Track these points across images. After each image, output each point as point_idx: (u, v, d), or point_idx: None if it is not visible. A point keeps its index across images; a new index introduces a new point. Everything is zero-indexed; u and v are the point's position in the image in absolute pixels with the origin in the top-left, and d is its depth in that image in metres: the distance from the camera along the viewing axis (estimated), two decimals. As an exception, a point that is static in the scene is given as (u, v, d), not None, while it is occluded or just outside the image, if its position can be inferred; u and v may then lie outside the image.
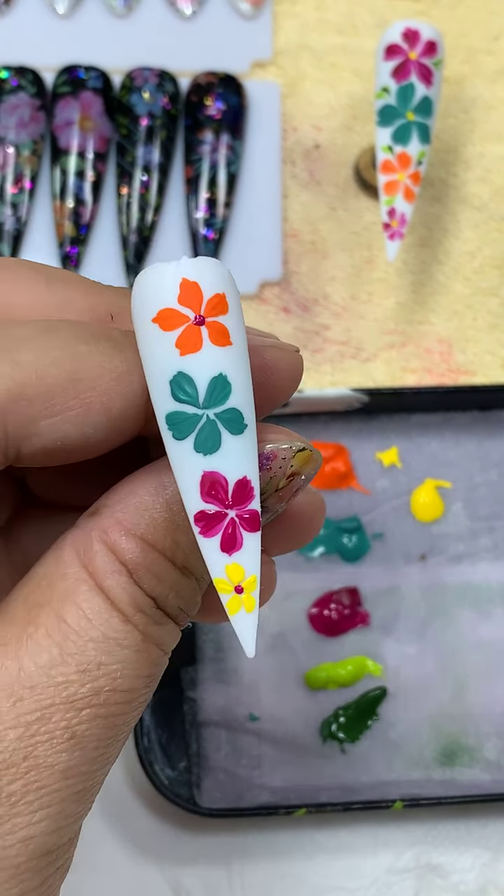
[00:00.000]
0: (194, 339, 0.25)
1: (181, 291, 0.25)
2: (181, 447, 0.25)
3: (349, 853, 0.48)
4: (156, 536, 0.26)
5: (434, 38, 0.49)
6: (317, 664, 0.49)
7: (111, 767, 0.26)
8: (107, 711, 0.25)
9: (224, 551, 0.25)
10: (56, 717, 0.25)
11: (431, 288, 0.55)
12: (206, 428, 0.25)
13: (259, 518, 0.25)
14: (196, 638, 0.49)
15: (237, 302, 0.25)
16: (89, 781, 0.25)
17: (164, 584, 0.26)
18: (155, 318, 0.25)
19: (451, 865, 0.48)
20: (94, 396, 0.25)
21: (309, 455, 0.27)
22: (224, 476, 0.25)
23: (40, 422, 0.25)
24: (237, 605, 0.25)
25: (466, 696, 0.49)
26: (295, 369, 0.28)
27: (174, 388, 0.25)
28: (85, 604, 0.25)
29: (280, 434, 0.27)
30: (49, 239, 0.54)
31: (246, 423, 0.25)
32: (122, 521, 0.26)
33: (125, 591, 0.25)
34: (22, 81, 0.55)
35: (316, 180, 0.56)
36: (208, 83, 0.55)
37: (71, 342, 0.25)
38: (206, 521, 0.25)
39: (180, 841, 0.48)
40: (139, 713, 0.26)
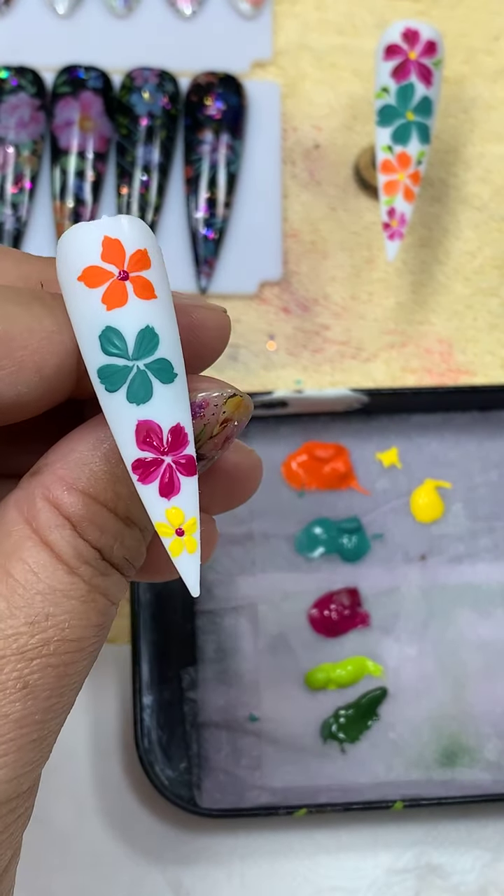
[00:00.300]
0: (119, 293, 0.25)
1: (104, 249, 0.26)
2: (114, 399, 0.26)
3: (349, 853, 0.48)
4: (97, 489, 0.27)
5: (434, 38, 0.49)
6: (317, 665, 0.49)
7: (66, 717, 0.27)
8: (57, 661, 0.26)
9: (163, 496, 0.26)
10: (7, 668, 0.25)
11: (431, 288, 0.55)
12: (137, 378, 0.26)
13: (195, 462, 0.26)
14: (196, 639, 0.49)
15: (159, 257, 0.26)
16: (44, 730, 0.26)
17: (107, 535, 0.27)
18: (80, 277, 0.26)
19: (452, 866, 0.48)
20: (26, 355, 0.26)
21: (240, 400, 0.28)
22: (158, 424, 0.26)
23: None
24: (179, 547, 0.26)
25: (466, 696, 0.49)
26: (222, 328, 0.29)
27: (103, 343, 0.25)
28: (31, 559, 0.26)
29: (211, 383, 0.28)
30: (49, 239, 0.54)
31: (176, 373, 0.26)
32: (64, 477, 0.26)
33: (69, 544, 0.26)
34: (22, 81, 0.55)
35: (316, 180, 0.56)
36: (208, 83, 0.55)
37: (1, 304, 0.26)
38: (143, 468, 0.26)
39: (180, 841, 0.48)
40: (90, 662, 0.27)
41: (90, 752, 0.49)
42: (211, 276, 0.54)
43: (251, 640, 0.49)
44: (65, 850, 0.48)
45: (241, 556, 0.50)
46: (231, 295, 0.54)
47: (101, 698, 0.49)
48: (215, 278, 0.54)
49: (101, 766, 0.49)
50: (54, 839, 0.48)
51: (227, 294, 0.54)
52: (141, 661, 0.46)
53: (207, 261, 0.54)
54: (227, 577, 0.49)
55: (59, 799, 0.48)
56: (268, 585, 0.50)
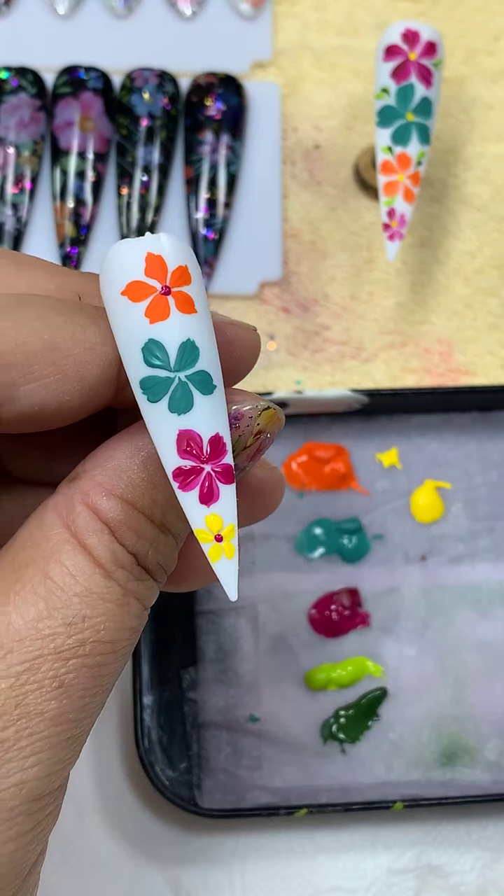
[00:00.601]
0: (162, 307, 0.26)
1: (147, 265, 0.26)
2: (156, 409, 0.26)
3: (349, 854, 0.48)
4: (135, 496, 0.27)
5: (434, 38, 0.49)
6: (317, 665, 0.49)
7: (97, 718, 0.28)
8: (92, 661, 0.27)
9: (203, 503, 0.27)
10: (44, 667, 0.26)
11: (431, 288, 0.55)
12: (178, 389, 0.26)
13: (233, 471, 0.27)
14: (197, 639, 0.49)
15: (198, 273, 0.27)
16: (77, 729, 0.27)
17: (143, 541, 0.28)
18: (124, 291, 0.26)
19: (452, 866, 0.48)
20: (69, 364, 0.27)
21: (273, 413, 0.29)
22: (198, 433, 0.27)
23: (19, 388, 0.26)
24: (218, 552, 0.27)
25: (467, 696, 0.49)
26: (253, 346, 0.30)
27: (146, 355, 0.26)
28: (69, 561, 0.27)
29: (246, 396, 0.29)
30: (49, 239, 0.54)
31: (215, 384, 0.27)
32: (103, 483, 0.27)
33: (107, 549, 0.27)
34: (22, 82, 0.55)
35: (316, 180, 0.56)
36: (208, 83, 0.55)
37: (47, 313, 0.27)
38: (183, 476, 0.27)
39: (181, 841, 0.48)
40: (123, 664, 0.28)
41: (90, 752, 0.49)
42: (211, 277, 0.54)
43: (251, 640, 0.49)
44: (65, 850, 0.48)
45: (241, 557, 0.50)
46: (231, 295, 0.54)
47: (102, 698, 0.49)
48: (215, 278, 0.54)
49: (102, 766, 0.49)
50: (54, 839, 0.48)
51: (227, 294, 0.54)
52: (141, 661, 0.46)
53: (208, 261, 0.54)
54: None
55: (60, 799, 0.48)
56: (268, 586, 0.50)
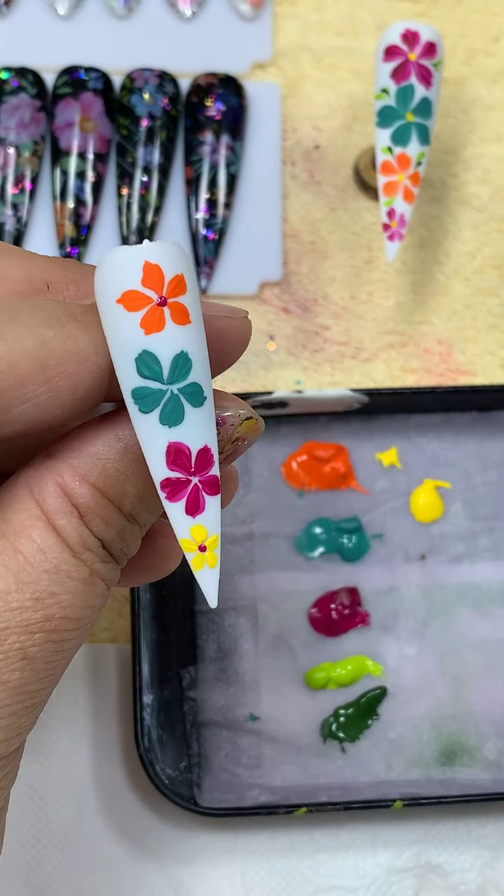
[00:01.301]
0: (157, 319, 0.26)
1: (144, 274, 0.26)
2: (147, 420, 0.27)
3: (349, 852, 0.48)
4: (106, 484, 0.28)
5: (433, 39, 0.49)
6: (317, 664, 0.49)
7: (54, 688, 0.29)
8: (57, 636, 0.27)
9: (189, 514, 0.27)
10: (11, 639, 0.27)
11: (431, 288, 0.55)
12: (170, 402, 0.27)
13: (218, 482, 0.28)
14: (196, 639, 0.49)
15: (194, 281, 0.27)
16: (36, 698, 0.28)
17: (111, 528, 0.28)
18: (120, 300, 0.26)
19: (451, 865, 0.48)
20: (62, 380, 0.27)
21: (254, 423, 0.29)
22: (187, 446, 0.27)
23: (12, 410, 0.26)
24: (201, 562, 0.28)
25: (466, 695, 0.49)
26: (243, 336, 0.30)
27: (140, 366, 0.26)
28: (39, 538, 0.27)
29: (230, 402, 0.29)
30: (49, 240, 0.54)
31: (205, 396, 0.27)
32: (77, 468, 0.28)
33: (76, 531, 0.27)
34: (22, 82, 0.55)
35: (316, 181, 0.56)
36: (208, 84, 0.55)
37: (37, 329, 0.26)
38: (171, 487, 0.27)
39: (181, 840, 0.48)
40: (83, 639, 0.29)
41: (90, 752, 0.49)
42: (211, 277, 0.54)
43: (251, 639, 0.49)
44: (65, 849, 0.48)
45: (241, 556, 0.50)
46: (231, 295, 0.54)
47: (102, 698, 0.49)
48: (215, 279, 0.54)
49: (102, 766, 0.49)
50: (55, 838, 0.48)
51: (227, 294, 0.54)
52: (141, 660, 0.46)
53: (208, 261, 0.54)
54: (227, 576, 0.49)
55: (60, 798, 0.48)
56: (268, 585, 0.50)
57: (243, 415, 0.29)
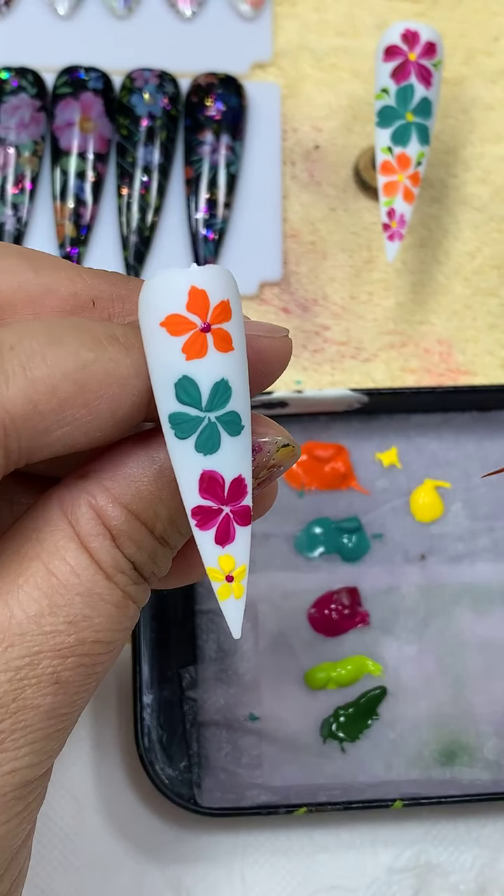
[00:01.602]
0: (200, 345, 0.26)
1: (190, 299, 0.26)
2: (182, 446, 0.26)
3: (349, 852, 0.48)
4: (139, 507, 0.28)
5: (433, 39, 0.49)
6: (317, 664, 0.49)
7: (84, 709, 0.29)
8: (89, 661, 0.27)
9: (218, 543, 0.27)
10: (44, 663, 0.27)
11: (431, 288, 0.55)
12: (207, 430, 0.26)
13: (250, 513, 0.27)
14: (196, 638, 0.49)
15: (239, 307, 0.27)
16: (67, 721, 0.28)
17: (142, 552, 0.28)
18: (163, 323, 0.26)
19: (451, 865, 0.48)
20: (102, 404, 0.26)
21: (291, 450, 0.29)
22: (221, 475, 0.27)
23: (52, 433, 0.26)
24: (227, 592, 0.27)
25: (466, 695, 0.49)
26: (284, 357, 0.29)
27: (179, 391, 0.26)
28: (73, 560, 0.27)
29: (268, 428, 0.29)
30: (49, 240, 0.54)
31: (243, 425, 0.27)
32: (111, 489, 0.27)
33: (108, 554, 0.27)
34: (22, 82, 0.55)
35: (316, 181, 0.56)
36: (208, 84, 0.56)
37: (79, 352, 0.26)
38: (202, 515, 0.27)
39: (181, 840, 0.48)
40: (114, 661, 0.29)
41: (90, 752, 0.49)
42: (211, 277, 0.54)
43: (251, 639, 0.49)
44: (65, 849, 0.48)
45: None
46: (231, 295, 0.54)
47: (102, 698, 0.49)
48: (215, 279, 0.54)
49: (102, 766, 0.49)
50: (55, 838, 0.48)
51: (227, 294, 0.54)
52: (141, 660, 0.46)
53: (207, 261, 0.54)
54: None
55: (60, 798, 0.48)
56: (268, 585, 0.50)
57: (280, 441, 0.29)
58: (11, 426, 0.26)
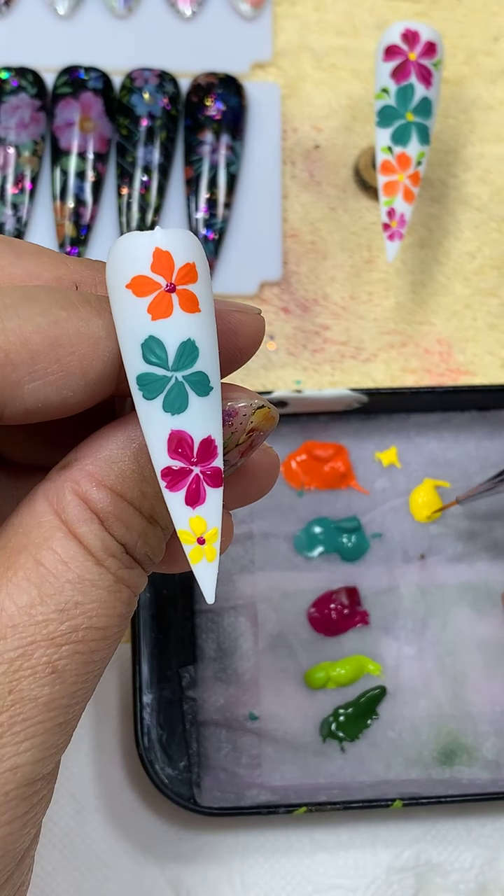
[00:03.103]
0: (165, 305, 0.26)
1: (154, 260, 0.26)
2: (150, 406, 0.26)
3: (349, 852, 0.48)
4: (124, 487, 0.28)
5: (433, 38, 0.49)
6: (316, 664, 0.49)
7: (87, 703, 0.28)
8: (85, 648, 0.27)
9: (188, 505, 0.27)
10: (38, 653, 0.26)
11: (431, 288, 0.55)
12: (174, 389, 0.26)
13: (221, 474, 0.27)
14: (196, 638, 0.49)
15: (206, 272, 0.27)
16: (69, 714, 0.27)
17: (132, 532, 0.28)
18: (129, 284, 0.26)
19: (451, 864, 0.48)
20: (73, 361, 0.26)
21: (267, 412, 0.29)
22: (190, 435, 0.26)
23: (24, 386, 0.26)
24: (199, 555, 0.27)
25: (465, 695, 0.49)
26: (257, 333, 0.30)
27: (145, 351, 0.26)
28: (60, 549, 0.27)
29: (241, 392, 0.29)
30: (49, 239, 0.54)
31: (212, 386, 0.27)
32: (93, 473, 0.27)
33: (97, 538, 0.27)
34: (22, 82, 0.55)
35: (316, 181, 0.56)
36: (208, 84, 0.56)
37: (52, 309, 0.26)
38: (172, 476, 0.27)
39: (180, 840, 0.48)
40: (113, 650, 0.28)
41: (90, 751, 0.49)
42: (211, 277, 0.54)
43: (251, 638, 0.49)
44: (65, 849, 0.48)
45: (240, 556, 0.50)
46: (231, 295, 0.54)
47: (101, 697, 0.49)
48: (215, 279, 0.54)
49: (102, 765, 0.49)
50: (54, 838, 0.48)
51: (227, 294, 0.54)
52: (141, 659, 0.46)
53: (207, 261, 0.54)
54: (227, 576, 0.49)
55: (60, 798, 0.48)
56: (267, 584, 0.50)
57: (255, 404, 0.28)
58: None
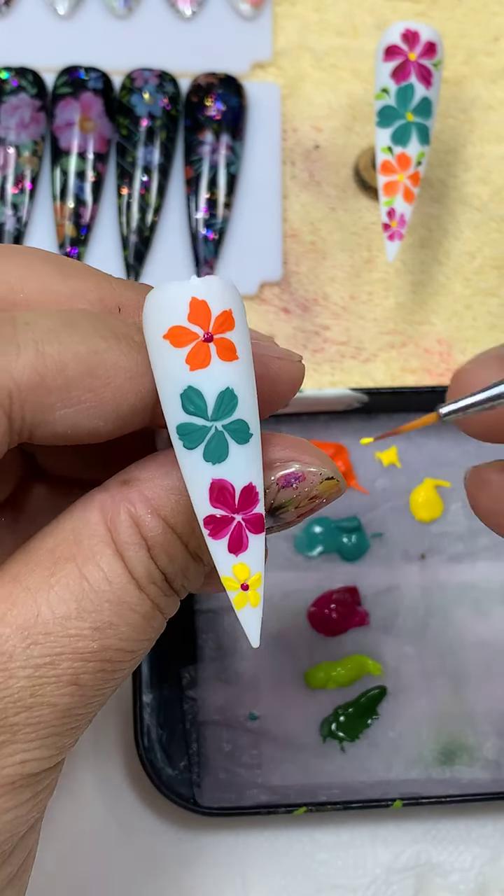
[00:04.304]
0: (203, 355, 0.26)
1: (191, 310, 0.26)
2: (191, 456, 0.27)
3: (349, 852, 0.48)
4: (177, 520, 0.28)
5: (433, 38, 0.49)
6: (316, 663, 0.49)
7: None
8: (110, 667, 0.28)
9: (231, 552, 0.27)
10: (64, 664, 0.27)
11: (431, 288, 0.55)
12: (214, 439, 0.26)
13: (263, 520, 0.27)
14: (196, 637, 0.49)
15: (243, 317, 0.27)
16: (82, 721, 0.28)
17: (175, 564, 0.28)
18: (166, 335, 0.26)
19: (451, 864, 0.48)
20: (107, 392, 0.27)
21: (335, 484, 0.29)
22: (231, 483, 0.27)
23: (56, 411, 0.27)
24: (244, 600, 0.28)
25: (466, 695, 0.49)
26: (296, 379, 0.30)
27: (184, 402, 0.26)
28: (107, 566, 0.27)
29: (314, 458, 0.29)
30: (49, 240, 0.54)
31: (251, 433, 0.27)
32: (151, 499, 0.28)
33: (142, 564, 0.28)
34: (22, 82, 0.55)
35: (316, 181, 0.56)
36: (208, 84, 0.56)
37: (92, 337, 0.27)
38: (214, 524, 0.27)
39: (180, 840, 0.48)
40: (135, 667, 0.29)
41: (90, 751, 0.49)
42: (211, 277, 0.54)
43: (251, 638, 0.49)
44: (65, 849, 0.48)
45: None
46: (231, 295, 0.54)
47: (102, 697, 0.49)
48: (215, 278, 0.54)
49: (102, 765, 0.49)
50: (54, 838, 0.48)
51: (227, 294, 0.54)
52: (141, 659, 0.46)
53: (207, 261, 0.54)
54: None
55: (59, 798, 0.48)
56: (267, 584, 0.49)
57: (325, 474, 0.29)
58: (17, 395, 0.26)
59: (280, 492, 0.29)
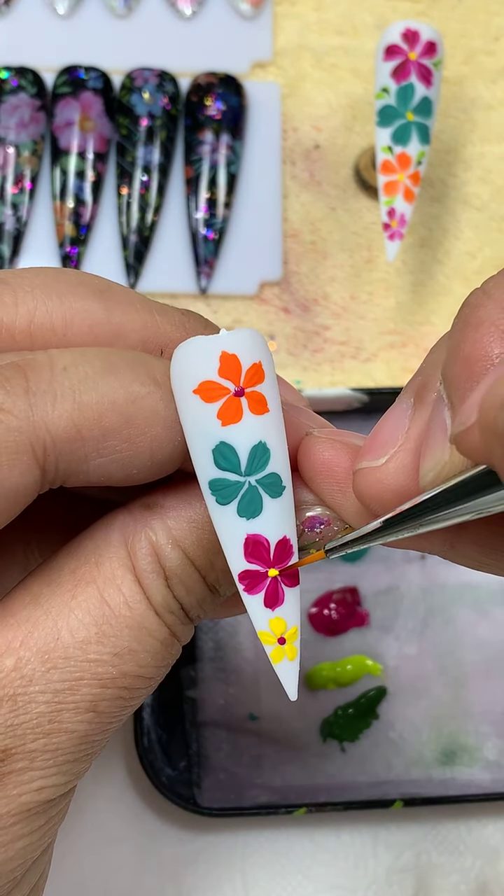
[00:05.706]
0: (235, 409, 0.26)
1: (221, 364, 0.26)
2: (225, 511, 0.26)
3: (349, 852, 0.48)
4: (196, 554, 0.28)
5: (434, 38, 0.49)
6: (316, 664, 0.49)
7: None
8: (128, 694, 0.27)
9: (267, 606, 0.27)
10: (84, 690, 0.27)
11: (431, 288, 0.55)
12: (248, 494, 0.26)
13: (298, 573, 0.27)
14: (196, 638, 0.49)
15: (271, 367, 0.27)
16: (98, 746, 0.28)
17: (192, 596, 0.28)
18: (196, 390, 0.26)
19: (451, 865, 0.48)
20: (144, 442, 0.26)
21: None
22: (266, 538, 0.26)
23: (90, 461, 0.26)
24: (280, 655, 0.27)
25: (466, 695, 0.49)
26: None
27: (217, 457, 0.26)
28: (127, 592, 0.27)
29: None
30: (49, 239, 0.54)
31: (284, 486, 0.27)
32: (172, 530, 0.27)
33: (160, 593, 0.27)
34: (22, 82, 0.55)
35: (316, 180, 0.56)
36: (208, 83, 0.55)
37: (131, 385, 0.26)
38: (249, 579, 0.27)
39: (181, 840, 0.48)
40: (149, 693, 0.29)
41: (90, 751, 0.49)
42: (211, 277, 0.54)
43: (250, 638, 0.49)
44: (65, 849, 0.48)
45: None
46: (231, 295, 0.54)
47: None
48: (215, 278, 0.54)
49: (101, 766, 0.49)
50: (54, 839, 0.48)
51: (227, 294, 0.54)
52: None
53: (207, 261, 0.54)
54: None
55: (60, 798, 0.48)
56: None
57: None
58: (52, 448, 0.26)
59: (304, 534, 0.28)
